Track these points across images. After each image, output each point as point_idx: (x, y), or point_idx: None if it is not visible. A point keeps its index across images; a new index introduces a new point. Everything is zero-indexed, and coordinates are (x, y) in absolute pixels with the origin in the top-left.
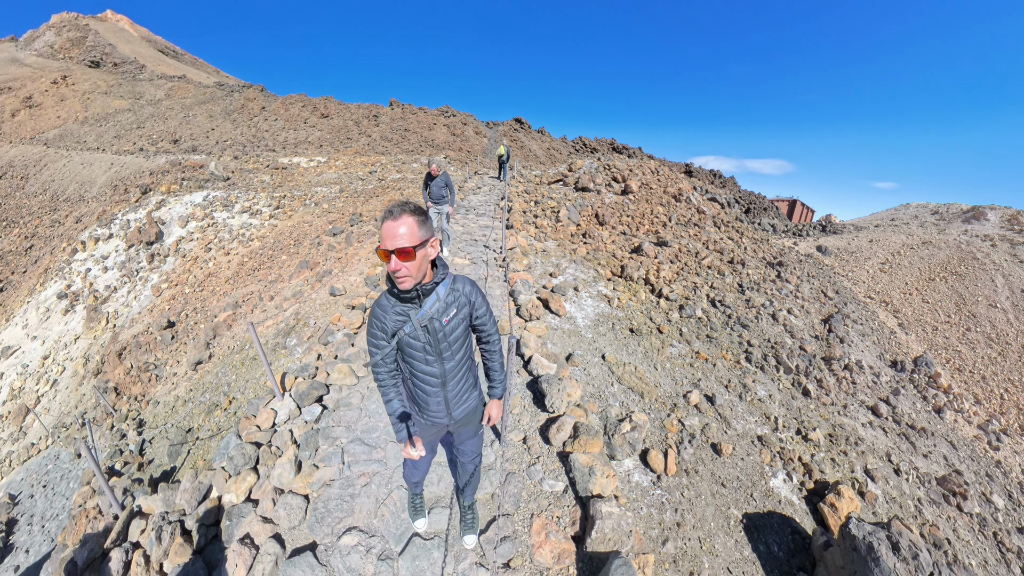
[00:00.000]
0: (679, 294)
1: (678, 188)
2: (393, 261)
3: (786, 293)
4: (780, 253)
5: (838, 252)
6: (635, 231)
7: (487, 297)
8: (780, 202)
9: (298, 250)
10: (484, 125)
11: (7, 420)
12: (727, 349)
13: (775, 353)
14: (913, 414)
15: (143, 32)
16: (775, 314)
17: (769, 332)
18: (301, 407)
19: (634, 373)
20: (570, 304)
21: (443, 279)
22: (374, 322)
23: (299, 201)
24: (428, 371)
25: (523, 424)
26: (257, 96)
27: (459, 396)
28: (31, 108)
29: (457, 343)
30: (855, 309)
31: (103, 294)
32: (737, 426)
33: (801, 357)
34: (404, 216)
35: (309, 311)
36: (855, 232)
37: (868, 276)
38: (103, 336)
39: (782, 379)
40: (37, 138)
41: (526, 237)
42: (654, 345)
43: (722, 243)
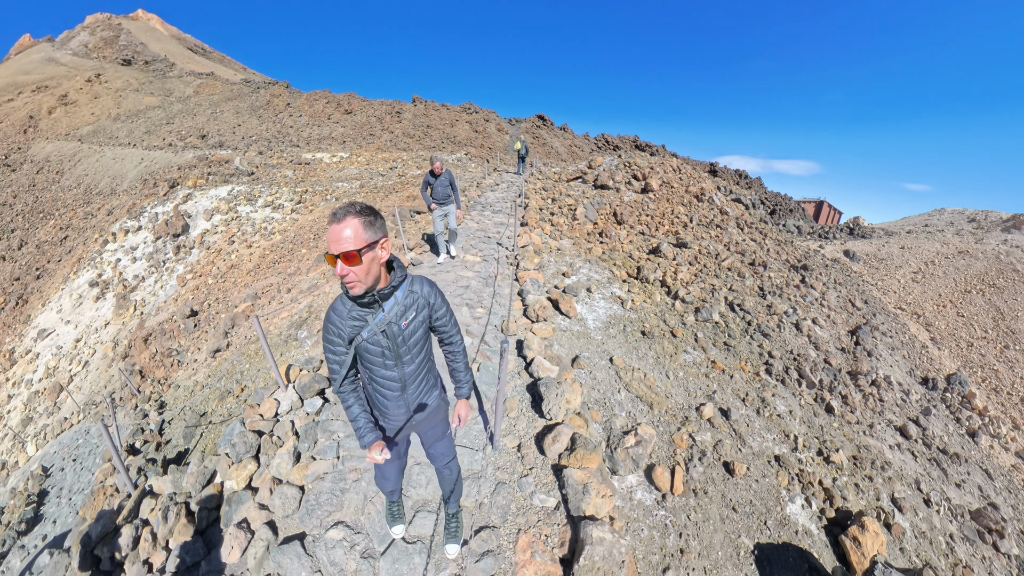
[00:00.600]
0: (696, 296)
1: (700, 187)
2: (339, 266)
3: (811, 300)
4: (805, 256)
5: (867, 258)
6: (654, 231)
7: (496, 296)
8: (807, 203)
9: (317, 244)
10: (506, 122)
11: (43, 395)
12: (746, 359)
13: (797, 366)
14: (945, 437)
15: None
16: (799, 323)
17: (792, 343)
18: (303, 399)
19: (643, 381)
20: (582, 305)
21: (401, 282)
22: (330, 328)
23: (320, 196)
24: (388, 376)
25: (519, 429)
26: (283, 92)
27: (420, 398)
28: (66, 106)
29: (417, 346)
30: (884, 321)
31: (132, 283)
32: (753, 444)
33: (826, 371)
34: (348, 218)
35: (322, 304)
36: (886, 237)
37: (899, 285)
38: (131, 322)
39: (804, 394)
40: (72, 134)
41: (541, 235)
42: (667, 350)
43: (744, 244)
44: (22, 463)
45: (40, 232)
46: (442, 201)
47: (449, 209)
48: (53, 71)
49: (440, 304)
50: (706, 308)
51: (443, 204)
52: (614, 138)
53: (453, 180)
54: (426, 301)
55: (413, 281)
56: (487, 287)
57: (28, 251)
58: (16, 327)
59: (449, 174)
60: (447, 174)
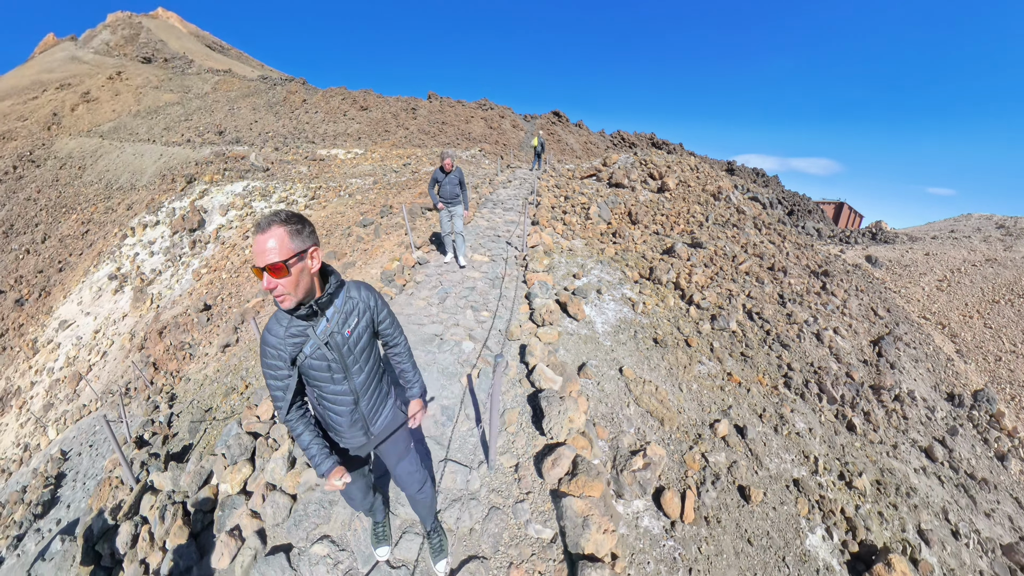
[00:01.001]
0: (712, 302)
1: (718, 186)
2: (265, 279)
3: (832, 309)
4: (825, 261)
5: (890, 264)
6: (669, 231)
7: (502, 298)
8: (826, 204)
9: (329, 240)
10: (522, 118)
11: (64, 383)
12: (764, 371)
13: (818, 380)
14: (972, 460)
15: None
16: (820, 334)
17: (812, 354)
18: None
19: (655, 394)
20: (590, 307)
21: (338, 288)
22: (269, 352)
23: (334, 192)
24: (338, 391)
25: (517, 447)
26: (299, 89)
27: (375, 410)
28: (88, 103)
29: (364, 354)
30: (908, 331)
31: (149, 277)
32: (770, 465)
33: (848, 386)
34: (273, 227)
35: None
36: (909, 243)
37: (923, 294)
38: (148, 315)
39: (825, 410)
40: (94, 131)
41: (552, 234)
42: (680, 361)
43: (762, 247)
44: (44, 446)
45: (63, 226)
46: (449, 200)
47: (457, 210)
48: (76, 69)
49: (381, 307)
50: (723, 316)
51: (451, 204)
52: (630, 135)
53: (463, 179)
54: (367, 305)
55: (350, 287)
56: (494, 289)
57: (51, 244)
58: (39, 317)
59: (459, 172)
60: (457, 172)
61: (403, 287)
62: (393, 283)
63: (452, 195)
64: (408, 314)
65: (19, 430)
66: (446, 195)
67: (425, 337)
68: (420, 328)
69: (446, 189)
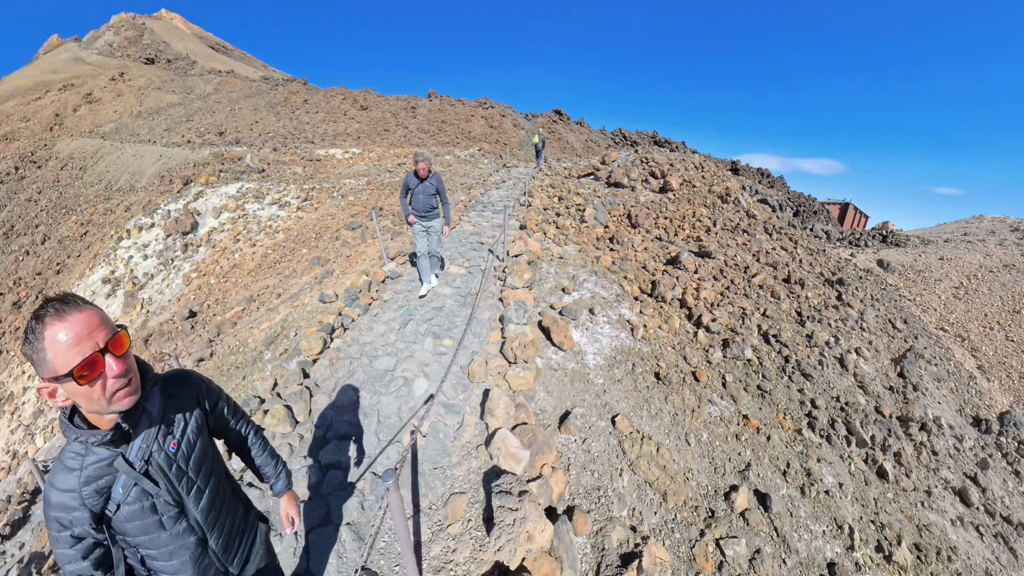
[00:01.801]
0: (723, 323)
1: (725, 187)
2: (111, 365)
3: (851, 325)
4: (839, 268)
5: (903, 269)
6: (672, 236)
7: (473, 320)
8: (831, 205)
9: (318, 244)
10: (523, 117)
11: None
12: (784, 411)
13: (845, 418)
14: (1006, 498)
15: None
16: (843, 358)
17: (837, 385)
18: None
19: (655, 458)
20: (581, 332)
21: (152, 386)
22: (61, 520)
23: (327, 193)
24: (179, 531)
25: (457, 563)
26: (300, 89)
27: (234, 542)
28: (91, 104)
29: (203, 468)
30: (927, 345)
31: (141, 280)
32: (800, 546)
33: (879, 424)
34: (83, 305)
35: (297, 318)
36: (922, 247)
37: (939, 302)
38: (138, 321)
39: (854, 456)
40: (96, 131)
41: (541, 240)
42: (687, 402)
43: (775, 255)
44: (31, 454)
45: (63, 227)
46: (424, 213)
47: (433, 225)
48: (79, 70)
49: (213, 392)
50: (737, 341)
51: (425, 217)
52: (632, 133)
53: (441, 187)
54: (194, 398)
55: (167, 384)
56: (464, 308)
57: (50, 246)
58: None
59: (437, 178)
60: (435, 178)
61: (368, 307)
62: (357, 302)
63: (427, 207)
64: (364, 342)
65: (9, 436)
66: (419, 206)
67: (374, 374)
68: (372, 362)
69: (419, 199)
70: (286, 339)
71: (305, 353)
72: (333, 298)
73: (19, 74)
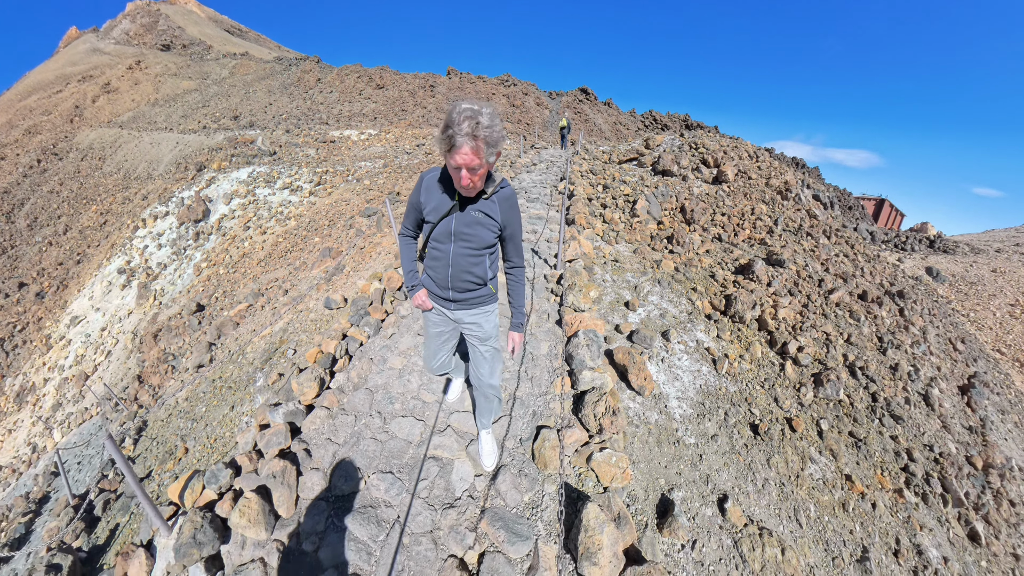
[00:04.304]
0: (811, 354)
1: (784, 181)
2: None
3: (923, 349)
4: (894, 277)
5: (953, 280)
6: (732, 236)
7: (528, 359)
8: (866, 200)
9: (331, 232)
10: (546, 95)
11: (71, 382)
12: (880, 464)
13: (940, 471)
14: None
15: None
16: (927, 392)
17: (926, 427)
18: (184, 564)
19: (782, 563)
20: (657, 367)
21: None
22: None
23: (340, 177)
24: None
25: None
26: (313, 68)
27: None
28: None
29: None
30: (986, 369)
31: (155, 271)
32: None
33: (972, 480)
34: None
35: (298, 329)
36: (972, 256)
37: (995, 320)
38: (150, 312)
39: (950, 518)
40: (114, 121)
41: (591, 238)
42: (791, 465)
43: (839, 263)
44: (50, 448)
45: (83, 218)
46: (454, 291)
47: (479, 321)
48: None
49: None
50: (831, 378)
51: (455, 301)
52: (663, 116)
53: (512, 222)
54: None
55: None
56: None
57: (72, 236)
58: (55, 312)
59: (505, 198)
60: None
61: (380, 325)
62: (366, 319)
63: (463, 274)
64: (374, 387)
65: (31, 428)
66: (443, 271)
67: (390, 448)
68: (387, 424)
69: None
70: (283, 357)
71: (297, 396)
72: (340, 304)
73: (41, 68)
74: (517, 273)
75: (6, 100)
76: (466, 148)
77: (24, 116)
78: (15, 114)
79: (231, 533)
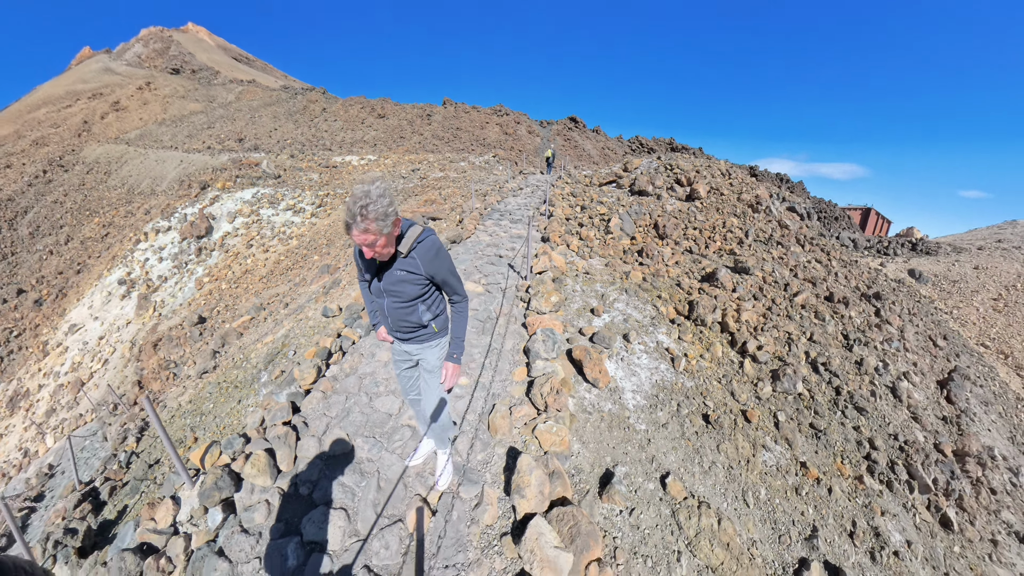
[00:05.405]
0: (770, 351)
1: (755, 195)
2: None
3: (896, 346)
4: (872, 280)
5: (936, 280)
6: (704, 249)
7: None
8: (852, 211)
9: (329, 250)
10: (537, 124)
11: (67, 389)
12: (841, 453)
13: (906, 459)
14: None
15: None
16: (895, 386)
17: (892, 418)
18: (206, 507)
19: (717, 532)
20: (616, 364)
21: None
22: None
23: (340, 199)
24: None
25: None
26: (319, 98)
27: None
28: (118, 111)
29: None
30: (969, 363)
31: (155, 283)
32: None
33: (941, 466)
34: None
35: (299, 334)
36: (954, 255)
37: (978, 315)
38: (149, 323)
39: (917, 504)
40: (121, 138)
41: (565, 253)
42: (741, 451)
43: (811, 269)
44: (41, 453)
45: (85, 229)
46: (400, 331)
47: (423, 355)
48: (108, 80)
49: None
50: (788, 373)
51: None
52: (649, 140)
53: (440, 271)
54: None
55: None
56: (483, 336)
57: (73, 246)
58: (53, 319)
59: (423, 253)
60: (419, 253)
61: (370, 327)
62: (359, 321)
63: (400, 320)
64: (363, 374)
65: (23, 433)
66: (389, 315)
67: (373, 418)
68: (372, 401)
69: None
70: (284, 358)
71: (298, 382)
72: (336, 312)
73: (52, 83)
74: (458, 307)
75: (15, 111)
76: (355, 231)
77: (32, 127)
78: (23, 125)
79: (243, 483)
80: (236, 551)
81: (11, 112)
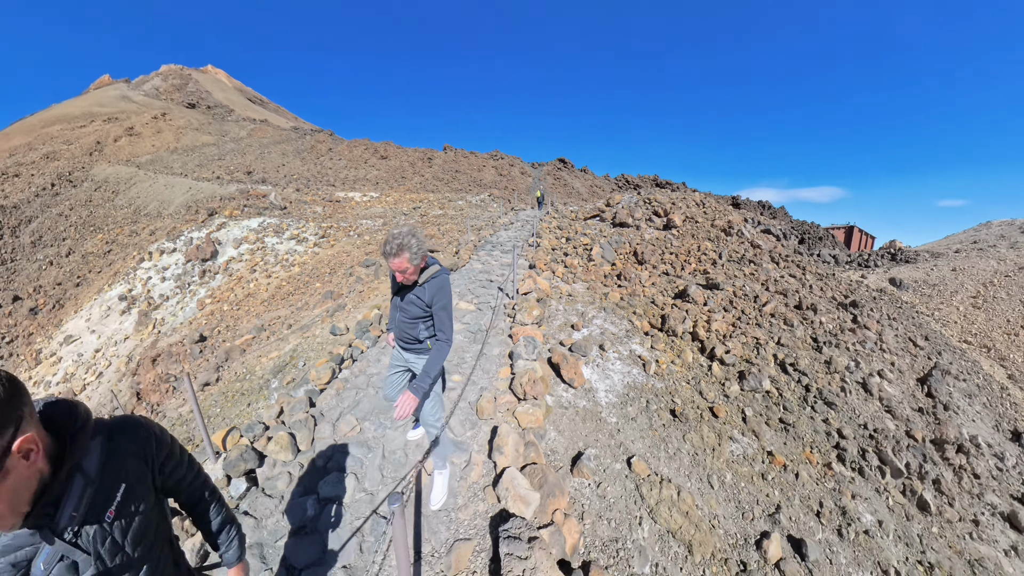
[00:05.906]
0: (738, 355)
1: (727, 220)
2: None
3: (871, 347)
4: (850, 290)
5: (916, 285)
6: (679, 271)
7: (482, 356)
8: (836, 230)
9: (332, 279)
10: (530, 166)
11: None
12: (811, 444)
13: (876, 446)
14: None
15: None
16: (865, 382)
17: (863, 411)
18: (230, 477)
19: (676, 502)
20: (591, 369)
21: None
22: None
23: (343, 232)
24: None
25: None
26: (326, 139)
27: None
28: (131, 136)
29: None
30: (952, 360)
31: (156, 301)
32: None
33: (912, 450)
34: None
35: (307, 348)
36: (933, 260)
37: (959, 314)
38: (148, 339)
39: (890, 487)
40: (132, 161)
41: (550, 278)
42: (707, 440)
43: (784, 282)
44: None
45: (88, 243)
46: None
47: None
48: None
49: (165, 443)
50: (754, 372)
51: (407, 348)
52: (634, 177)
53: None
54: (139, 453)
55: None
56: (474, 344)
57: (74, 259)
58: (48, 329)
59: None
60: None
61: (377, 339)
62: (367, 335)
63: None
64: (371, 374)
65: None
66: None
67: (380, 406)
68: (379, 393)
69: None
70: (294, 368)
71: (313, 382)
72: (344, 331)
73: (68, 103)
74: (438, 344)
75: (29, 124)
76: (393, 261)
77: (45, 141)
78: (36, 138)
79: (265, 459)
80: (260, 509)
81: (25, 124)
